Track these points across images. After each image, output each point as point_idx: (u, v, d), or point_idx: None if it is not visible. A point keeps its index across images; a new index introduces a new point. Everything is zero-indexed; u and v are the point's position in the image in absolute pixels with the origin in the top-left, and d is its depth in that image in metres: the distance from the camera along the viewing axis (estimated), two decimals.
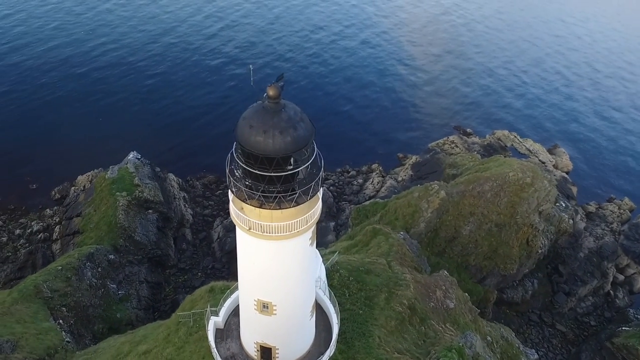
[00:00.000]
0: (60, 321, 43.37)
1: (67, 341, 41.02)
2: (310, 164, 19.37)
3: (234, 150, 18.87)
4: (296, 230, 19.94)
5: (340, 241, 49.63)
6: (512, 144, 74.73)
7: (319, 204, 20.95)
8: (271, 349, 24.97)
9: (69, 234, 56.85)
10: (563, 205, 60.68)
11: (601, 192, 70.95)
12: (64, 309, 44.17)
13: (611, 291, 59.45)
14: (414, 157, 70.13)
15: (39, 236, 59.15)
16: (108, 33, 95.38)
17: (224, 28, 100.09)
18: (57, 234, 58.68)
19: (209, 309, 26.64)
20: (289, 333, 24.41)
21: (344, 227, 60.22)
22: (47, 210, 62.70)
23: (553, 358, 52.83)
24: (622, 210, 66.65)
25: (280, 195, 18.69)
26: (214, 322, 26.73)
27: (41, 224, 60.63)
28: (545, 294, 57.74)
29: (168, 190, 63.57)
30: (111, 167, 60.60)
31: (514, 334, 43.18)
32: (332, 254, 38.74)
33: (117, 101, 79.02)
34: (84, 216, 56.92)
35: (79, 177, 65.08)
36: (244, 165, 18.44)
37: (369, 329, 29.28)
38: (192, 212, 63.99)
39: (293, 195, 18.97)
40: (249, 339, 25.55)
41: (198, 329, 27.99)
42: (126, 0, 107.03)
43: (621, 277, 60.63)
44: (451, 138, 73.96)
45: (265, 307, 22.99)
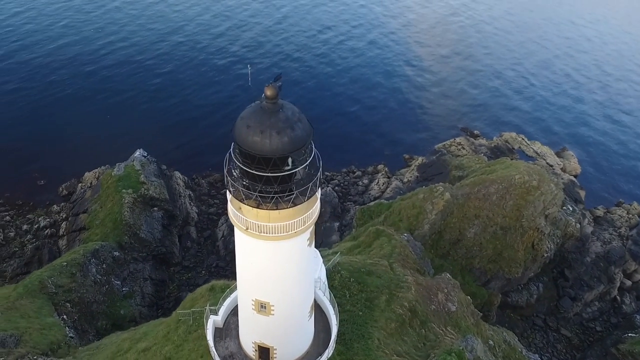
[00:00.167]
0: (64, 317, 43.72)
1: (71, 337, 41.34)
2: (308, 165, 19.29)
3: (231, 150, 18.87)
4: (293, 231, 19.90)
5: (343, 242, 49.53)
6: (520, 147, 74.17)
7: (317, 204, 20.89)
8: (269, 349, 24.95)
9: (75, 230, 57.32)
10: (570, 209, 60.09)
11: (610, 196, 70.17)
12: (68, 304, 44.53)
13: (618, 297, 58.75)
14: (420, 159, 69.82)
15: (46, 232, 59.68)
16: (117, 31, 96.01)
17: (231, 27, 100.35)
18: (63, 230, 59.17)
19: (208, 307, 26.69)
20: (287, 333, 24.37)
21: (348, 227, 60.09)
22: (54, 206, 63.24)
23: None
24: (630, 215, 65.85)
25: (277, 195, 18.65)
26: (213, 321, 26.77)
27: (48, 219, 61.18)
28: (550, 298, 57.22)
29: (174, 188, 63.87)
30: (117, 164, 61.03)
31: (517, 338, 42.89)
32: (335, 254, 38.71)
33: (125, 99, 79.52)
34: (90, 213, 57.36)
35: (86, 173, 65.60)
36: (241, 165, 18.44)
37: (368, 331, 29.16)
38: (197, 210, 64.24)
39: (290, 196, 18.92)
40: (247, 338, 25.56)
41: (197, 328, 28.06)
42: None
43: (628, 283, 59.93)
44: (458, 139, 73.55)
45: (263, 307, 22.98)
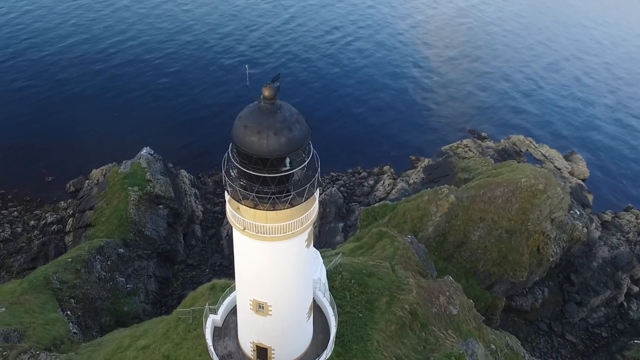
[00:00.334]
0: (68, 312, 44.04)
1: (74, 332, 41.63)
2: (306, 166, 19.23)
3: (229, 150, 18.88)
4: (291, 232, 19.85)
5: (347, 242, 49.46)
6: (528, 149, 73.55)
7: (316, 205, 20.83)
8: (267, 349, 24.94)
9: (81, 226, 57.75)
10: (577, 213, 59.46)
11: (618, 200, 69.37)
12: (72, 300, 44.85)
13: (625, 303, 58.07)
14: (426, 160, 69.52)
15: (53, 228, 60.19)
16: (126, 30, 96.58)
17: (239, 27, 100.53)
18: (70, 226, 59.64)
19: (207, 306, 26.74)
20: (285, 334, 24.34)
21: (353, 228, 59.95)
22: (62, 202, 63.75)
23: None
24: (639, 220, 65.08)
25: (274, 196, 18.62)
26: (212, 320, 26.81)
27: (55, 215, 61.70)
28: (555, 303, 56.68)
29: (179, 186, 64.12)
30: (124, 162, 61.40)
31: (519, 343, 42.52)
32: (338, 255, 38.64)
33: (134, 98, 80.00)
34: (96, 209, 57.75)
35: (93, 170, 66.05)
36: (238, 165, 18.44)
37: (367, 333, 29.04)
38: (202, 209, 64.44)
39: (288, 197, 18.88)
40: (245, 338, 25.57)
41: (197, 326, 28.12)
42: None
43: (636, 289, 59.22)
44: (465, 142, 73.11)
45: (260, 308, 22.97)
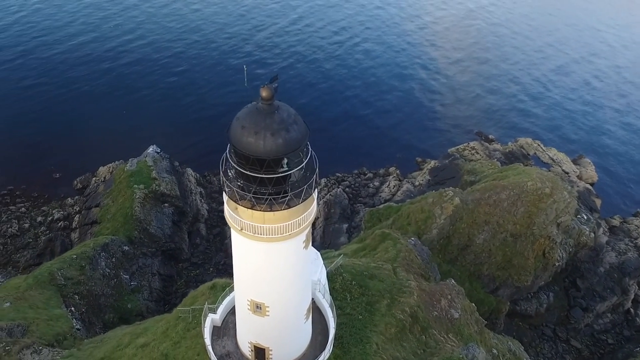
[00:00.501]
0: (72, 308, 44.38)
1: (77, 328, 41.94)
2: (304, 167, 19.20)
3: (227, 150, 18.89)
4: (288, 233, 19.83)
5: (350, 244, 49.35)
6: (535, 153, 72.88)
7: (314, 207, 20.80)
8: (265, 349, 24.95)
9: (88, 223, 58.18)
10: (585, 217, 58.80)
11: (626, 206, 68.54)
12: (76, 296, 45.20)
13: (632, 309, 57.39)
14: (433, 162, 69.17)
15: (59, 224, 60.74)
16: (135, 29, 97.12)
17: (248, 27, 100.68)
18: (76, 222, 60.16)
19: (207, 305, 26.81)
20: (283, 335, 24.34)
21: (357, 229, 59.85)
22: (69, 199, 64.31)
23: None
24: None
25: (271, 197, 18.61)
26: (211, 320, 26.88)
27: (62, 212, 62.26)
28: (561, 308, 56.12)
29: (185, 184, 64.38)
30: (130, 159, 61.77)
31: (522, 348, 42.15)
32: (339, 256, 38.55)
33: (141, 97, 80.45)
34: (103, 207, 58.15)
35: (100, 168, 66.56)
36: (236, 165, 18.45)
37: (367, 335, 28.95)
38: (207, 208, 64.66)
39: (285, 198, 18.86)
40: (243, 338, 25.61)
41: (196, 325, 28.20)
42: None
43: None
44: (472, 144, 72.62)
45: (258, 308, 22.98)
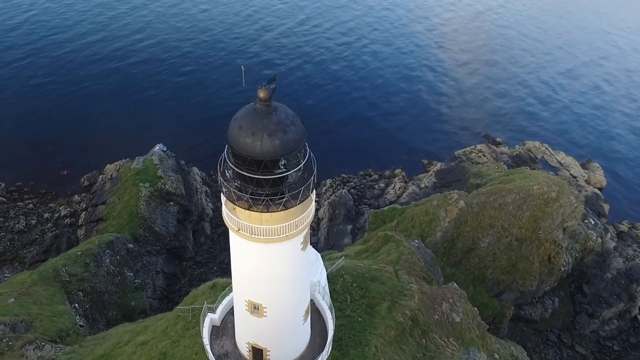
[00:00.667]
0: (76, 305, 44.68)
1: (80, 325, 42.22)
2: (302, 168, 19.15)
3: (225, 151, 18.90)
4: (285, 234, 19.79)
5: (354, 245, 49.25)
6: (543, 156, 72.23)
7: (312, 208, 20.73)
8: (262, 350, 24.93)
9: (93, 220, 58.61)
10: (592, 222, 58.19)
11: (635, 211, 67.70)
12: (80, 293, 45.47)
13: (638, 316, 56.66)
14: (439, 164, 68.80)
15: (66, 221, 61.21)
16: (144, 29, 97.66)
17: (256, 28, 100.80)
18: (82, 220, 60.57)
19: (206, 305, 26.85)
20: (280, 336, 24.30)
21: (362, 230, 59.69)
22: (75, 196, 64.79)
23: None
24: None
25: (268, 198, 18.58)
26: (210, 319, 26.91)
27: (69, 209, 62.74)
28: (566, 313, 55.57)
29: (191, 183, 64.62)
30: (137, 158, 62.10)
31: (525, 353, 41.83)
32: (345, 257, 38.47)
33: (150, 96, 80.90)
34: (108, 204, 58.54)
35: (107, 165, 67.02)
36: (233, 166, 18.45)
37: (366, 338, 28.82)
38: (212, 207, 64.82)
39: (282, 199, 18.82)
40: (241, 338, 25.62)
41: (195, 325, 28.25)
42: None
43: None
44: (479, 147, 72.11)
45: (256, 309, 22.97)
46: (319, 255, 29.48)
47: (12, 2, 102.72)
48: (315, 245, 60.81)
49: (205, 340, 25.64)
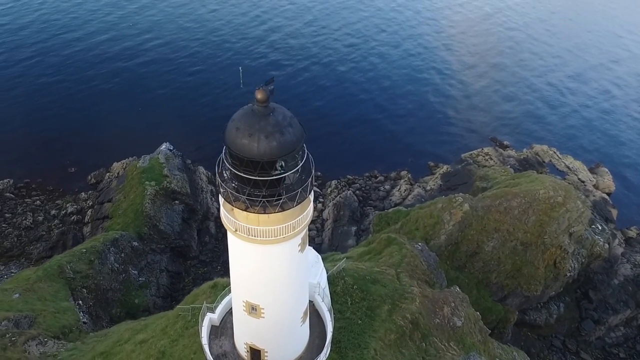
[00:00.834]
0: (80, 302, 44.98)
1: (84, 322, 42.49)
2: (300, 170, 19.10)
3: (223, 152, 18.92)
4: (282, 236, 19.75)
5: (357, 247, 49.11)
6: (551, 160, 71.61)
7: (310, 210, 20.67)
8: (260, 351, 24.92)
9: (99, 218, 59.01)
10: (599, 227, 57.56)
11: None
12: (84, 290, 45.78)
13: None
14: (445, 167, 68.48)
15: (72, 218, 61.69)
16: (152, 28, 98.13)
17: (265, 30, 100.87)
18: (88, 217, 61.03)
19: (205, 304, 26.88)
20: (278, 337, 24.25)
21: (366, 232, 59.55)
22: (82, 193, 65.28)
23: None
24: None
25: (265, 199, 18.55)
26: (210, 319, 26.94)
27: (75, 206, 63.23)
28: (571, 319, 55.04)
29: (196, 182, 64.85)
30: (143, 156, 62.46)
31: (528, 359, 41.42)
32: (346, 259, 38.37)
33: (157, 95, 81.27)
34: (114, 202, 58.91)
35: (114, 163, 67.46)
36: (230, 167, 18.46)
37: (365, 340, 28.71)
38: (218, 206, 64.77)
39: (279, 201, 18.79)
40: (240, 339, 25.62)
41: (195, 324, 28.30)
42: None
43: None
44: (486, 149, 71.67)
45: (253, 310, 22.95)
46: (319, 256, 29.43)
47: (23, 0, 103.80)
48: (320, 246, 60.76)
49: (204, 340, 25.67)
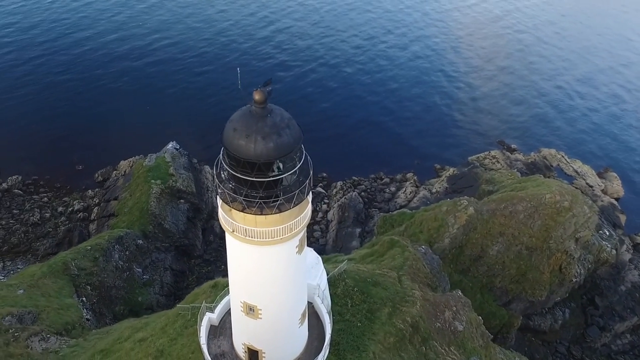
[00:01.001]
0: (84, 299, 45.36)
1: (87, 318, 42.83)
2: (298, 172, 19.06)
3: (221, 152, 18.94)
4: (279, 237, 19.72)
5: (361, 249, 48.98)
6: (559, 164, 70.95)
7: (308, 212, 20.62)
8: (258, 352, 24.90)
9: (105, 215, 59.42)
10: (607, 233, 56.88)
11: None
12: (88, 287, 46.16)
13: None
14: (451, 170, 68.10)
15: (79, 215, 62.23)
16: (161, 28, 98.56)
17: (273, 30, 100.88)
18: (94, 214, 61.46)
19: (204, 304, 26.92)
20: (275, 338, 24.20)
21: (370, 234, 59.39)
22: (89, 191, 65.82)
23: None
24: None
25: (262, 200, 18.54)
26: (209, 319, 26.97)
27: (82, 203, 63.76)
28: (577, 325, 54.47)
29: (202, 182, 65.09)
30: (150, 155, 62.83)
31: None
32: (349, 261, 38.27)
33: (165, 95, 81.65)
34: (120, 200, 59.31)
35: (121, 162, 67.89)
36: (227, 167, 18.47)
37: (364, 343, 28.59)
38: None
39: (276, 202, 18.76)
40: (238, 339, 25.62)
41: (194, 323, 28.36)
42: None
43: None
44: (493, 152, 71.20)
45: (251, 310, 22.94)
46: (319, 258, 29.35)
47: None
48: (324, 247, 60.71)
49: (202, 339, 25.70)
